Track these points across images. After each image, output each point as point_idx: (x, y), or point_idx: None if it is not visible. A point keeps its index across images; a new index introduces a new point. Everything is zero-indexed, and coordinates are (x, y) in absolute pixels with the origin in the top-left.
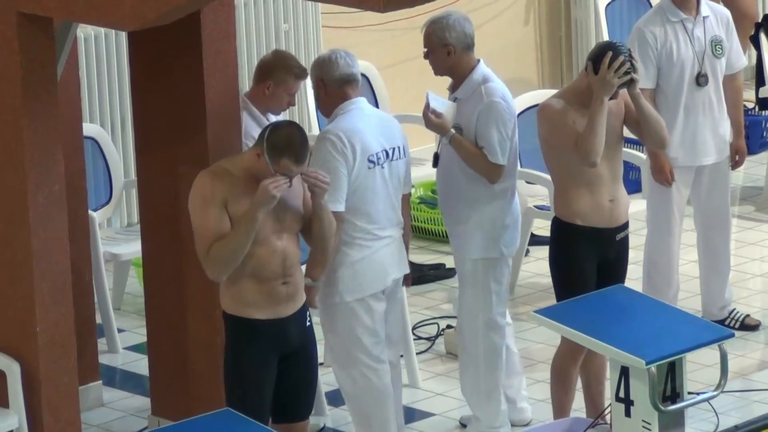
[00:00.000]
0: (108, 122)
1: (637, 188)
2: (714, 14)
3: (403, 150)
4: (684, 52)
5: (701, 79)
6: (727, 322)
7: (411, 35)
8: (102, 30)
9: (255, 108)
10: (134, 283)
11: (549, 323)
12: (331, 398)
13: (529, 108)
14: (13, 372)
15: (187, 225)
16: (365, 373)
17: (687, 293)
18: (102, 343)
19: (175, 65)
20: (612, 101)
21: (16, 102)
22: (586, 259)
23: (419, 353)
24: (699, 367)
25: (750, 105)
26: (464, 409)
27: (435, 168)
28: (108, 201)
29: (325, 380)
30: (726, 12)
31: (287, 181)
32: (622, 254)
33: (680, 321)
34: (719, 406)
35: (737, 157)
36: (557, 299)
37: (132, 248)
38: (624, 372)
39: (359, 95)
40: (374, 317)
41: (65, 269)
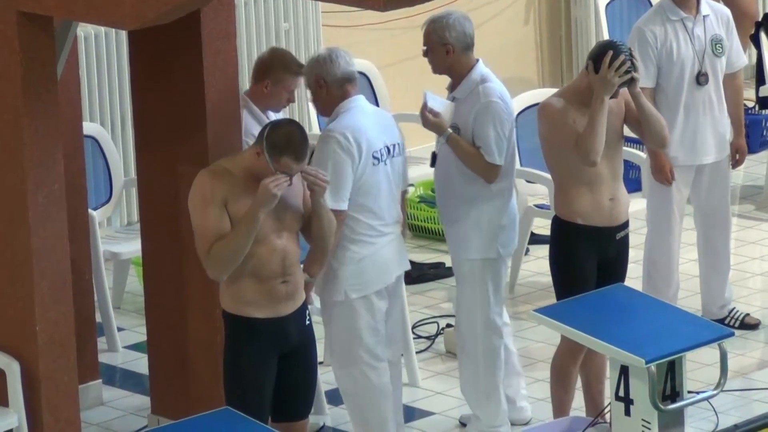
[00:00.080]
0: (108, 121)
1: (638, 187)
2: (714, 13)
3: (402, 146)
4: (684, 51)
5: (701, 78)
6: (727, 321)
7: (411, 34)
8: (102, 29)
9: (255, 106)
10: (134, 282)
11: (549, 322)
12: (331, 397)
13: (530, 107)
14: (13, 371)
15: (187, 224)
16: (365, 372)
17: (687, 292)
18: (102, 342)
19: (175, 64)
20: (612, 100)
21: (17, 101)
22: (587, 258)
23: (419, 352)
24: (699, 366)
25: (750, 104)
26: (464, 408)
27: (433, 167)
28: (108, 200)
29: (325, 379)
30: (726, 11)
31: (287, 180)
32: (622, 253)
33: (680, 320)
34: (719, 405)
35: (737, 156)
36: (557, 298)
37: (132, 247)
38: (624, 371)
39: (358, 93)
40: (376, 315)
41: (65, 268)
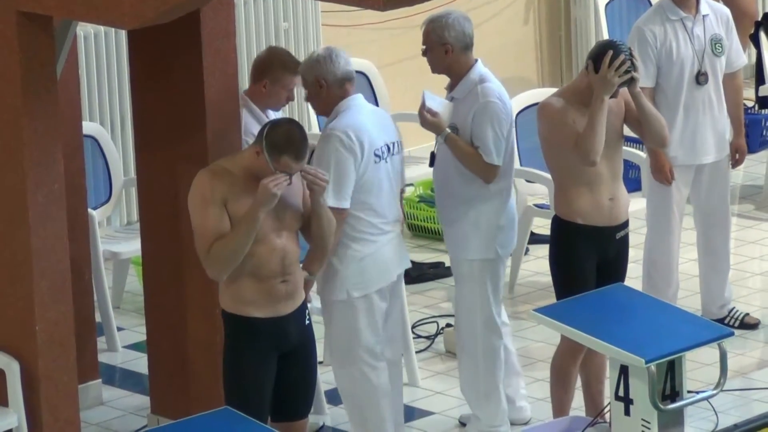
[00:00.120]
0: (108, 121)
1: (637, 187)
2: (714, 13)
3: (400, 145)
4: (684, 51)
5: (701, 78)
6: (727, 321)
7: (411, 34)
8: (102, 28)
9: (254, 105)
10: (134, 282)
11: (549, 322)
12: (331, 397)
13: (529, 107)
14: (13, 371)
15: (187, 224)
16: (365, 372)
17: (686, 292)
18: (101, 342)
19: (175, 64)
20: (612, 100)
21: (16, 101)
22: (586, 258)
23: (419, 352)
24: (698, 366)
25: (750, 103)
26: (464, 408)
27: (432, 167)
28: (108, 199)
29: (325, 379)
30: (726, 10)
31: (287, 179)
32: (622, 253)
33: (680, 320)
34: (719, 405)
35: (737, 156)
36: (557, 298)
37: (131, 247)
38: (623, 371)
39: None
40: (377, 315)
41: (65, 268)
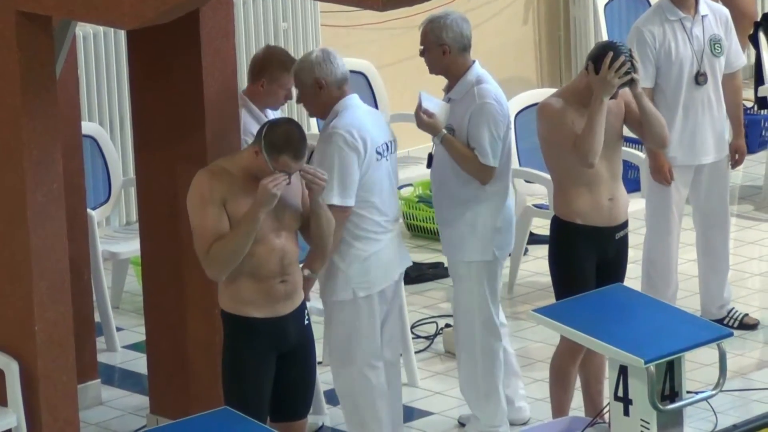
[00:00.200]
0: (107, 121)
1: (636, 187)
2: (713, 13)
3: (395, 144)
4: (683, 51)
5: (700, 78)
6: (726, 321)
7: (410, 34)
8: (101, 28)
9: (253, 105)
10: (133, 282)
11: (548, 322)
12: (330, 397)
13: (528, 107)
14: (12, 371)
15: (186, 224)
16: (364, 372)
17: (686, 292)
18: (101, 342)
19: (174, 64)
20: (612, 101)
21: (15, 100)
22: (586, 258)
23: (418, 352)
24: (698, 366)
25: (749, 104)
26: (463, 408)
27: (429, 168)
28: (107, 199)
29: (324, 379)
30: (725, 11)
31: (287, 179)
32: (622, 253)
33: (679, 320)
34: (718, 406)
35: (736, 156)
36: (556, 298)
37: (131, 247)
38: (623, 371)
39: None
40: (377, 315)
41: (64, 268)
